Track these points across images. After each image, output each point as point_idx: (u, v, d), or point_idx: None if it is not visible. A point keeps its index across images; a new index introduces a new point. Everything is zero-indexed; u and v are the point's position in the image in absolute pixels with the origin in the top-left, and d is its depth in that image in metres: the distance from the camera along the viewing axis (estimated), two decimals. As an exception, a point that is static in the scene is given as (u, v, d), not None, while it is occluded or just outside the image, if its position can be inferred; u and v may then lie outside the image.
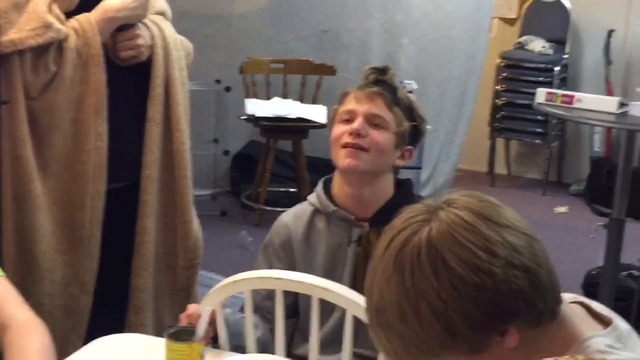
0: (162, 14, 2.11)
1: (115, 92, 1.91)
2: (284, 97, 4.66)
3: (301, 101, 4.65)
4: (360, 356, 1.75)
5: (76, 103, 1.88)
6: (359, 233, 1.79)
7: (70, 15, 1.88)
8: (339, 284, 1.75)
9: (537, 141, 5.73)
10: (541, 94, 2.99)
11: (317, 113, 4.46)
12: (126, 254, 2.03)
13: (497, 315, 0.95)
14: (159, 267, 2.08)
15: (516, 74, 5.59)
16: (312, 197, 1.85)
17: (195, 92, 2.14)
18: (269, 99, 4.61)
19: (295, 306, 1.84)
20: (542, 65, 5.51)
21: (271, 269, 1.81)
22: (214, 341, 1.64)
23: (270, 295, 1.74)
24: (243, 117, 4.53)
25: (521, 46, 5.70)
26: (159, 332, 1.86)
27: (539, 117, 5.51)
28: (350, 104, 1.79)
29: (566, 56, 5.62)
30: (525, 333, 0.97)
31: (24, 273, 1.88)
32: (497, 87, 5.65)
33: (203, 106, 4.53)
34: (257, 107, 4.47)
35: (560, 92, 3.01)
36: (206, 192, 4.76)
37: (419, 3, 4.80)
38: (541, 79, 5.44)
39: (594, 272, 3.55)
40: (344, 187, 1.80)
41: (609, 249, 3.02)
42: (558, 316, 1.00)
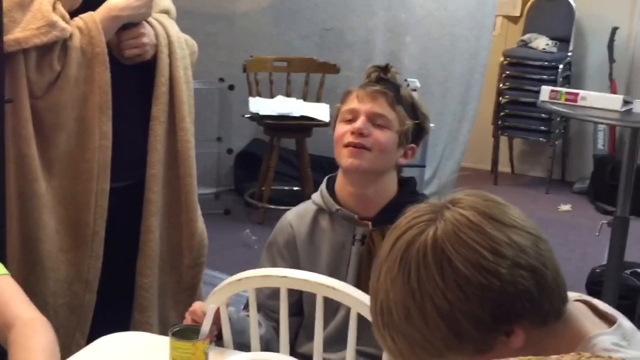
0: (167, 12, 2.11)
1: (119, 90, 1.91)
2: (288, 95, 4.66)
3: (304, 99, 4.65)
4: (365, 354, 1.75)
5: (81, 102, 1.88)
6: (362, 232, 1.79)
7: (74, 14, 1.88)
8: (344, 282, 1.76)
9: (541, 139, 5.72)
10: (545, 91, 2.99)
11: (320, 111, 4.46)
12: (130, 252, 2.03)
13: (503, 316, 0.95)
14: (163, 266, 2.08)
15: (520, 72, 5.59)
16: (316, 196, 1.85)
17: (198, 91, 2.14)
18: (272, 97, 4.61)
19: (299, 305, 1.84)
20: (546, 63, 5.50)
21: (275, 267, 1.81)
22: (218, 339, 1.64)
23: (274, 294, 1.74)
24: (246, 116, 4.53)
25: (525, 44, 5.69)
26: (163, 331, 1.86)
27: (543, 115, 5.51)
28: (353, 103, 1.78)
29: (570, 54, 5.61)
30: (531, 333, 0.97)
31: (28, 271, 1.89)
32: (501, 85, 5.65)
33: (206, 105, 4.53)
34: (260, 105, 4.47)
35: (564, 90, 3.01)
36: (209, 191, 4.77)
37: (422, 2, 4.80)
38: (545, 77, 5.44)
39: (598, 270, 3.55)
40: (347, 186, 1.80)
41: (612, 247, 3.02)
42: (564, 315, 1.00)
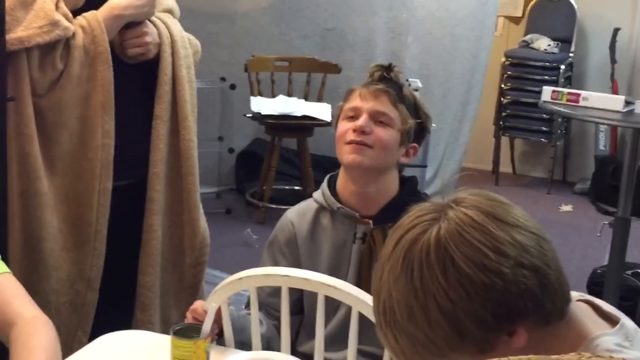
0: (170, 11, 2.11)
1: (122, 89, 1.91)
2: (289, 95, 4.66)
3: (306, 99, 4.65)
4: (365, 353, 1.75)
5: (83, 100, 1.88)
6: (363, 230, 1.79)
7: (77, 12, 1.88)
8: (344, 280, 1.76)
9: (542, 140, 5.72)
10: (547, 92, 2.99)
11: (322, 111, 4.46)
12: (132, 251, 2.03)
13: (505, 316, 0.95)
14: (165, 264, 2.08)
15: (521, 72, 5.59)
16: (317, 194, 1.86)
17: (200, 90, 2.14)
18: (273, 97, 4.62)
19: (300, 303, 1.84)
20: (548, 63, 5.50)
21: (276, 265, 1.82)
22: (219, 338, 1.64)
23: (275, 293, 1.74)
24: (248, 115, 4.53)
25: (526, 44, 5.69)
26: (165, 330, 1.86)
27: (544, 116, 5.51)
28: (355, 101, 1.79)
29: (572, 55, 5.61)
30: (534, 333, 0.97)
31: (30, 270, 1.89)
32: (503, 86, 5.65)
33: (208, 104, 4.53)
34: (262, 105, 4.47)
35: (566, 90, 3.01)
36: (211, 190, 4.77)
37: (423, 2, 4.80)
38: (546, 77, 5.44)
39: (599, 271, 3.55)
40: (348, 184, 1.81)
41: (614, 247, 3.02)
42: (566, 316, 1.00)
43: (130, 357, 1.59)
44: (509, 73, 5.62)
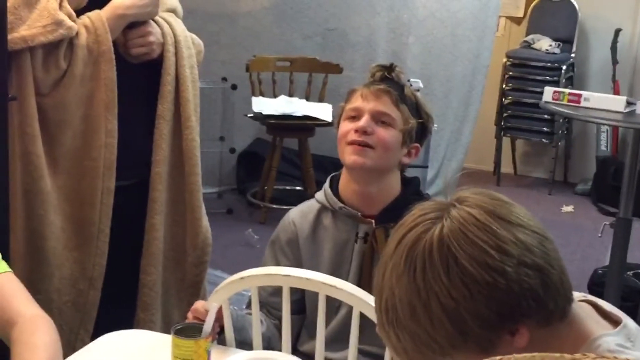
0: (173, 11, 2.11)
1: (125, 89, 1.91)
2: (290, 95, 4.66)
3: (307, 99, 4.65)
4: (367, 353, 1.75)
5: (86, 100, 1.88)
6: (365, 230, 1.79)
7: (81, 12, 1.88)
8: (346, 280, 1.76)
9: (544, 140, 5.72)
10: (548, 92, 2.99)
11: (323, 111, 4.46)
12: (134, 250, 2.03)
13: (508, 315, 0.94)
14: (167, 264, 2.08)
15: (523, 72, 5.59)
16: (319, 195, 1.86)
17: (201, 90, 2.14)
18: (275, 97, 4.62)
19: (301, 303, 1.84)
20: (549, 64, 5.50)
21: (277, 265, 1.82)
22: (220, 336, 1.64)
23: (276, 292, 1.74)
24: (249, 115, 4.53)
25: (528, 45, 5.69)
26: (167, 329, 1.86)
27: (546, 116, 5.51)
28: (357, 102, 1.79)
29: (573, 55, 5.61)
30: (536, 332, 0.97)
31: (32, 269, 1.89)
32: (504, 86, 5.65)
33: (209, 104, 4.54)
34: (263, 105, 4.47)
35: (567, 91, 3.01)
36: (212, 190, 4.77)
37: (424, 2, 4.80)
38: (548, 77, 5.44)
39: (600, 271, 3.55)
40: (350, 184, 1.81)
41: (615, 248, 3.02)
42: (568, 315, 1.00)
43: (132, 357, 1.59)
44: (510, 73, 5.62)
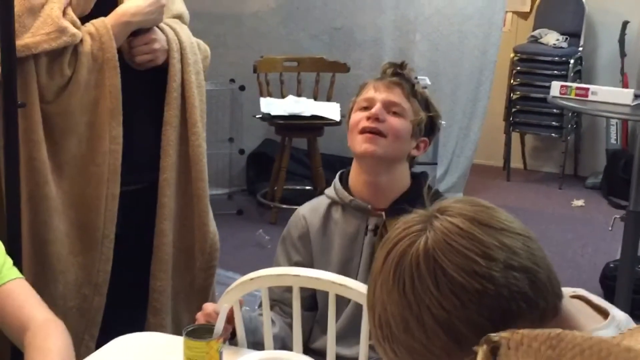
0: (179, 17, 2.11)
1: (131, 96, 1.92)
2: (298, 95, 4.66)
3: (315, 99, 4.65)
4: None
5: (91, 107, 1.89)
6: (375, 222, 1.80)
7: (85, 19, 1.89)
8: (356, 273, 1.77)
9: (553, 135, 5.71)
10: (556, 87, 2.98)
11: (331, 110, 4.46)
12: (143, 255, 2.04)
13: (500, 319, 0.94)
14: (176, 268, 2.08)
15: (530, 67, 5.57)
16: (329, 190, 1.88)
17: (209, 92, 2.15)
18: (283, 97, 4.62)
19: (313, 299, 1.85)
20: (557, 58, 5.48)
21: (289, 260, 1.84)
22: (232, 338, 1.65)
23: (289, 288, 1.75)
24: (258, 116, 4.54)
25: (535, 40, 5.67)
26: (177, 334, 1.87)
27: (554, 111, 5.49)
28: (369, 93, 1.82)
29: (581, 49, 5.58)
30: None
31: (37, 274, 1.89)
32: (512, 82, 5.63)
33: (218, 106, 4.55)
34: (271, 105, 4.48)
35: (575, 85, 3.00)
36: (222, 191, 4.78)
37: (430, -1, 4.80)
38: (556, 72, 5.42)
39: (612, 265, 3.53)
40: (361, 176, 1.82)
41: (626, 241, 3.00)
42: (560, 312, 1.00)
43: (145, 359, 1.60)
44: (518, 69, 5.61)
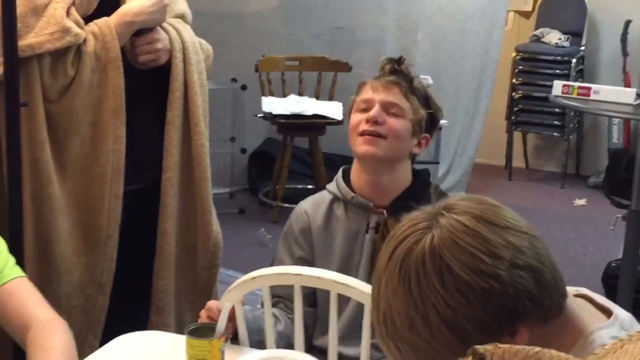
0: (182, 16, 2.12)
1: (134, 95, 1.92)
2: (300, 94, 4.67)
3: (317, 98, 4.65)
4: (379, 348, 1.75)
5: (94, 106, 1.90)
6: (376, 220, 1.81)
7: (88, 19, 1.90)
8: (356, 270, 1.77)
9: (555, 134, 5.70)
10: (558, 86, 2.98)
11: (333, 110, 4.46)
12: (146, 254, 2.04)
13: (506, 317, 0.95)
14: (179, 268, 2.09)
15: (532, 67, 5.57)
16: (331, 186, 1.88)
17: (211, 91, 2.15)
18: (285, 96, 4.63)
19: (316, 295, 1.85)
20: (559, 57, 5.48)
21: (291, 255, 1.84)
22: (234, 337, 1.65)
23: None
24: (259, 115, 4.54)
25: (537, 39, 5.67)
26: (180, 332, 1.87)
27: (556, 110, 5.49)
28: (367, 93, 1.82)
29: (583, 48, 5.58)
30: (535, 331, 0.97)
31: (41, 274, 1.90)
32: (514, 81, 5.63)
33: (219, 105, 4.55)
34: (273, 104, 4.48)
35: (577, 84, 3.00)
36: (224, 190, 4.79)
37: (433, -2, 4.80)
38: (558, 71, 5.42)
39: (614, 264, 3.53)
40: (362, 175, 1.83)
41: (628, 241, 3.00)
42: (564, 311, 1.00)
43: (148, 357, 1.60)
44: (520, 68, 5.60)
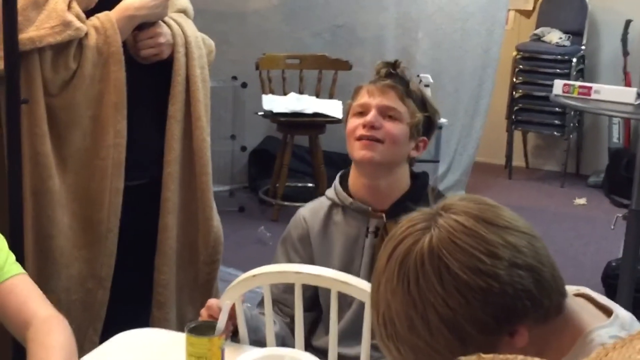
0: (184, 11, 2.12)
1: (136, 90, 1.92)
2: (300, 92, 4.67)
3: (317, 96, 4.66)
4: (379, 349, 1.75)
5: (95, 101, 1.90)
6: (375, 224, 1.80)
7: (90, 13, 1.90)
8: (357, 275, 1.77)
9: (555, 133, 5.71)
10: (558, 85, 2.98)
11: (333, 108, 4.46)
12: (148, 249, 2.04)
13: (505, 317, 0.95)
14: (180, 263, 2.09)
15: (533, 66, 5.57)
16: (330, 192, 1.88)
17: (212, 89, 2.15)
18: (285, 94, 4.63)
19: (313, 300, 1.85)
20: (559, 57, 5.48)
21: (289, 262, 1.83)
22: (234, 335, 1.65)
23: (288, 289, 1.75)
24: (260, 113, 4.54)
25: (538, 38, 5.67)
26: (181, 327, 1.87)
27: (557, 109, 5.49)
28: (364, 98, 1.81)
29: (583, 47, 5.58)
30: (534, 331, 0.97)
31: (41, 267, 1.90)
32: (514, 80, 5.63)
33: (220, 103, 4.54)
34: (273, 103, 4.48)
35: (578, 83, 3.00)
36: (224, 188, 4.79)
37: (433, -3, 4.80)
38: (558, 70, 5.42)
39: (614, 263, 3.53)
40: (360, 179, 1.82)
41: (628, 240, 3.00)
42: (564, 310, 1.00)
43: (147, 355, 1.60)
44: (520, 67, 5.61)
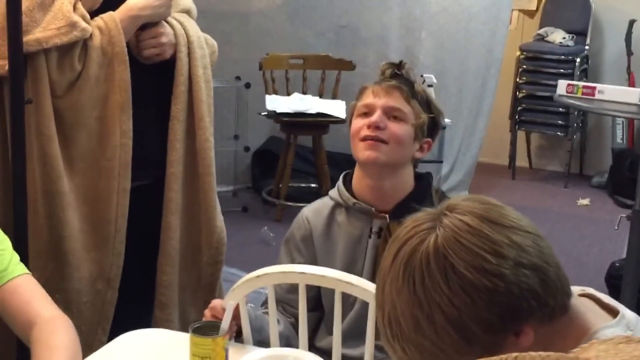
0: (187, 11, 2.12)
1: (139, 90, 1.93)
2: (304, 92, 4.67)
3: (320, 96, 4.65)
4: (383, 349, 1.75)
5: (101, 101, 1.90)
6: (379, 225, 1.80)
7: (94, 13, 1.90)
8: (360, 276, 1.77)
9: (559, 133, 5.70)
10: (562, 86, 2.97)
11: (336, 108, 4.47)
12: (151, 250, 2.04)
13: (510, 317, 0.95)
14: (183, 263, 2.09)
15: (536, 66, 5.57)
16: (333, 192, 1.87)
17: (215, 89, 2.15)
18: (288, 94, 4.63)
19: (316, 300, 1.85)
20: (563, 57, 5.47)
21: (292, 262, 1.84)
22: (238, 335, 1.65)
23: (292, 289, 1.75)
24: (263, 114, 4.54)
25: (541, 38, 5.66)
26: (184, 328, 1.88)
27: (560, 109, 5.49)
28: (369, 98, 1.81)
29: (587, 47, 5.58)
30: (539, 330, 0.97)
31: (52, 270, 1.91)
32: (518, 80, 5.62)
33: (223, 103, 4.55)
34: (277, 103, 4.48)
35: (582, 83, 2.99)
36: (227, 189, 4.79)
37: (437, -3, 4.80)
38: (562, 70, 5.42)
39: (618, 264, 3.53)
40: (364, 180, 1.82)
41: (631, 241, 3.00)
42: (569, 310, 1.00)
43: (151, 355, 1.60)
44: (524, 67, 5.60)
